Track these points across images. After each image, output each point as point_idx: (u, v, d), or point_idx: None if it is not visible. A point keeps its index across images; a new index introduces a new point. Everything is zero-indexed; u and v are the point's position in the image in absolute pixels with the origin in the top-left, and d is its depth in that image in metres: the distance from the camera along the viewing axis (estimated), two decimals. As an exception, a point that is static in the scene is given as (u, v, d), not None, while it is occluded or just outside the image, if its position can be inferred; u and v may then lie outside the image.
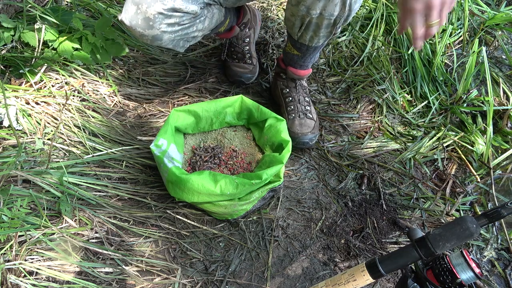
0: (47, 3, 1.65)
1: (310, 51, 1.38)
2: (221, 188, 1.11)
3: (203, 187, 1.11)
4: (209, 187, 1.11)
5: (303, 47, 1.34)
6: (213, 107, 1.34)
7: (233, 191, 1.13)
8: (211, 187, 1.11)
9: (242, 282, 1.22)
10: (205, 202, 1.18)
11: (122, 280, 1.15)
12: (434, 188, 1.55)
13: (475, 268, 0.69)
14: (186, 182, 1.11)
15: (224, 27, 1.48)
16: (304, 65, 1.49)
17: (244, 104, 1.35)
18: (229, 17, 1.47)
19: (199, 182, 1.11)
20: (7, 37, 1.45)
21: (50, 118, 1.40)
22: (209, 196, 1.14)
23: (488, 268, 1.39)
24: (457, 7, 2.06)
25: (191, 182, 1.11)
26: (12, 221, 1.10)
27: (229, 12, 1.47)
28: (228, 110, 1.37)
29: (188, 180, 1.11)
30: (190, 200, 1.18)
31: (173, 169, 1.14)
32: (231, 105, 1.35)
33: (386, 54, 1.93)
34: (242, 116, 1.39)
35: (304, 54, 1.40)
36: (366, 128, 1.71)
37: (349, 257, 1.32)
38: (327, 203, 1.44)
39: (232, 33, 1.60)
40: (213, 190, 1.11)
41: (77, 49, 1.51)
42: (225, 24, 1.45)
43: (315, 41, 1.30)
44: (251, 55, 1.70)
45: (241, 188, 1.13)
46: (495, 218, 0.69)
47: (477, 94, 1.85)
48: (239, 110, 1.37)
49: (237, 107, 1.36)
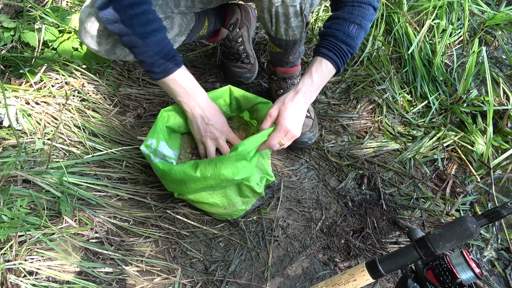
0: (47, 3, 1.65)
1: (290, 46, 1.38)
2: (201, 172, 1.11)
3: (184, 174, 1.11)
4: (190, 173, 1.11)
5: (282, 42, 1.35)
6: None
7: (213, 172, 1.11)
8: (191, 173, 1.11)
9: (242, 282, 1.22)
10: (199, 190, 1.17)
11: (122, 280, 1.15)
12: (434, 188, 1.55)
13: (475, 268, 0.69)
14: (169, 173, 1.12)
15: (204, 30, 1.46)
16: (290, 62, 1.49)
17: (233, 94, 1.34)
18: (208, 19, 1.46)
19: (180, 170, 1.12)
20: (7, 37, 1.45)
21: (50, 118, 1.40)
22: (195, 183, 1.14)
23: (488, 268, 1.39)
24: (457, 7, 2.06)
25: (174, 172, 1.12)
26: (12, 221, 1.10)
27: (207, 15, 1.45)
28: (220, 102, 1.35)
29: (170, 170, 1.12)
30: (183, 191, 1.18)
31: (158, 163, 1.14)
32: (221, 97, 1.33)
33: (386, 54, 1.93)
34: (233, 107, 1.37)
35: (285, 50, 1.40)
36: (366, 128, 1.71)
37: (349, 257, 1.32)
38: (327, 203, 1.44)
39: (219, 36, 1.60)
40: (194, 175, 1.11)
41: (77, 49, 1.51)
42: (203, 27, 1.44)
43: (290, 34, 1.29)
44: (248, 54, 1.69)
45: (220, 165, 1.12)
46: (495, 218, 0.69)
47: (477, 94, 1.85)
48: (229, 101, 1.36)
49: (227, 98, 1.35)
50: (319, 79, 1.16)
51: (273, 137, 1.15)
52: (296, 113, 1.15)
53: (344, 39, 1.14)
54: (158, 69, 1.10)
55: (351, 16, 1.14)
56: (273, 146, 1.16)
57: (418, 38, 1.90)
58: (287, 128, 1.14)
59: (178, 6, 1.29)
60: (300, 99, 1.15)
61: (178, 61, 1.13)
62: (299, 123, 1.17)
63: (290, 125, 1.14)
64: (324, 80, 1.18)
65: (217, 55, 1.80)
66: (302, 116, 1.17)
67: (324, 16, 2.07)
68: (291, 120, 1.14)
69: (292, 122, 1.14)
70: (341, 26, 1.14)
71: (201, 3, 1.37)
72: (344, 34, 1.14)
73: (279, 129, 1.14)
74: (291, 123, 1.14)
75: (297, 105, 1.15)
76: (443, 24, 2.00)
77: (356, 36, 1.15)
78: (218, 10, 1.54)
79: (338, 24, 1.15)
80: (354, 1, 1.14)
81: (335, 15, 1.17)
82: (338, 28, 1.14)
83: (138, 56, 1.09)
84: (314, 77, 1.16)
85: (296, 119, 1.15)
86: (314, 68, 1.16)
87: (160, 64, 1.09)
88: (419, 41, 1.90)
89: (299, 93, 1.15)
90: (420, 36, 1.90)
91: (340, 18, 1.15)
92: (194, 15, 1.37)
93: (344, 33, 1.14)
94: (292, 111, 1.14)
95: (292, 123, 1.14)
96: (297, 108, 1.15)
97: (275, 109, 1.16)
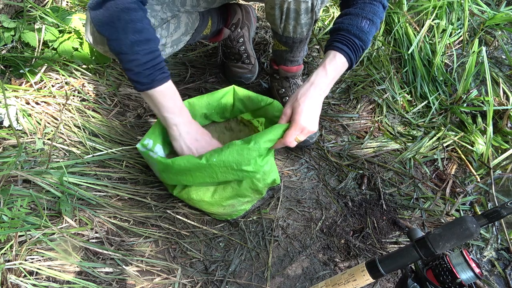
0: (47, 3, 1.65)
1: (296, 44, 1.38)
2: (206, 158, 1.11)
3: (189, 162, 1.11)
4: (194, 160, 1.11)
5: (289, 40, 1.34)
6: (204, 101, 1.31)
7: (219, 158, 1.10)
8: (196, 160, 1.11)
9: (242, 282, 1.22)
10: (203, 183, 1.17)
11: (122, 280, 1.15)
12: (434, 188, 1.55)
13: (475, 268, 0.69)
14: (173, 165, 1.12)
15: (208, 30, 1.47)
16: (294, 61, 1.49)
17: (237, 95, 1.33)
18: (211, 19, 1.46)
19: (185, 159, 1.12)
20: (7, 37, 1.45)
21: (50, 118, 1.40)
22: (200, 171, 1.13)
23: (488, 268, 1.39)
24: (457, 7, 2.06)
25: (178, 162, 1.11)
26: (12, 221, 1.10)
27: (211, 15, 1.46)
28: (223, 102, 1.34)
29: (173, 162, 1.12)
30: (188, 181, 1.17)
31: (159, 158, 1.15)
32: (224, 97, 1.33)
33: (386, 54, 1.93)
34: (236, 108, 1.37)
35: (291, 48, 1.40)
36: (366, 128, 1.71)
37: (349, 257, 1.32)
38: (327, 203, 1.44)
39: (222, 36, 1.60)
40: (200, 161, 1.11)
41: (77, 49, 1.51)
42: (207, 26, 1.45)
43: (298, 31, 1.29)
44: (249, 55, 1.69)
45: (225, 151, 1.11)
46: (495, 218, 0.69)
47: (477, 94, 1.85)
48: (233, 101, 1.36)
49: (230, 99, 1.35)
50: (333, 72, 1.13)
51: (289, 134, 1.12)
52: (311, 108, 1.12)
53: (357, 34, 1.12)
54: (145, 80, 1.05)
55: (363, 12, 1.13)
56: (290, 144, 1.13)
57: (418, 38, 1.90)
58: (302, 125, 1.11)
59: (184, 5, 1.29)
60: (315, 92, 1.12)
61: (167, 74, 1.09)
62: (315, 118, 1.13)
63: (305, 122, 1.11)
64: (338, 73, 1.15)
65: (217, 55, 1.80)
66: (317, 110, 1.14)
67: (324, 16, 2.07)
68: (306, 116, 1.11)
69: (307, 118, 1.11)
70: (354, 21, 1.13)
71: (205, 2, 1.37)
72: (357, 28, 1.12)
73: (294, 127, 1.11)
74: (306, 119, 1.11)
75: (312, 99, 1.11)
76: (443, 24, 2.00)
77: (368, 32, 1.14)
78: (221, 10, 1.55)
79: (351, 19, 1.14)
80: None
81: (346, 11, 1.16)
82: (351, 23, 1.13)
83: (125, 64, 1.04)
84: (328, 69, 1.12)
85: (311, 114, 1.12)
86: (327, 61, 1.13)
87: (148, 74, 1.04)
88: (419, 41, 1.90)
89: (313, 85, 1.12)
90: (420, 36, 1.90)
91: (352, 14, 1.14)
92: (199, 15, 1.38)
93: (357, 28, 1.13)
94: (306, 106, 1.11)
95: (308, 119, 1.11)
96: (312, 102, 1.12)
97: (289, 107, 1.14)
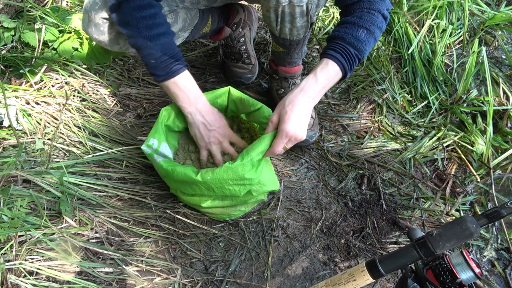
0: (47, 3, 1.65)
1: (294, 46, 1.38)
2: (201, 175, 1.13)
3: (185, 175, 1.13)
4: (191, 175, 1.13)
5: (286, 42, 1.34)
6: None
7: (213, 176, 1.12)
8: (192, 176, 1.13)
9: (242, 282, 1.22)
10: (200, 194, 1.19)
11: (122, 280, 1.15)
12: (434, 188, 1.55)
13: (475, 268, 0.69)
14: (172, 173, 1.14)
15: (207, 28, 1.47)
16: (292, 62, 1.49)
17: (231, 96, 1.33)
18: (211, 17, 1.46)
19: (182, 171, 1.14)
20: (7, 37, 1.45)
21: (50, 118, 1.40)
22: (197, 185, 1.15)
23: (488, 268, 1.39)
24: (457, 7, 2.06)
25: (176, 173, 1.14)
26: (12, 221, 1.10)
27: (211, 13, 1.46)
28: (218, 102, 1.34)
29: (173, 171, 1.14)
30: (186, 190, 1.20)
31: (161, 162, 1.16)
32: (219, 97, 1.33)
33: (386, 54, 1.93)
34: (229, 109, 1.37)
35: (289, 50, 1.40)
36: (366, 128, 1.71)
37: (349, 257, 1.32)
38: (327, 203, 1.44)
39: (222, 35, 1.60)
40: (195, 178, 1.13)
41: (77, 49, 1.51)
42: (207, 24, 1.45)
43: (295, 34, 1.29)
44: (249, 55, 1.69)
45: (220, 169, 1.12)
46: (495, 218, 0.69)
47: (477, 94, 1.85)
48: (227, 103, 1.36)
49: (225, 100, 1.35)
50: (325, 80, 1.12)
51: (276, 143, 1.11)
52: (299, 116, 1.10)
53: (352, 42, 1.11)
54: (161, 72, 1.13)
55: (360, 21, 1.12)
56: (279, 152, 1.13)
57: (418, 38, 1.90)
58: (289, 133, 1.09)
59: (183, 1, 1.30)
60: (303, 99, 1.10)
61: (182, 66, 1.14)
62: (303, 125, 1.11)
63: (292, 129, 1.09)
64: (329, 81, 1.13)
65: (217, 55, 1.80)
66: (306, 117, 1.12)
67: (324, 16, 2.07)
68: (293, 124, 1.09)
69: (294, 126, 1.09)
70: (350, 29, 1.12)
71: (206, 0, 1.37)
72: (352, 37, 1.11)
73: (280, 136, 1.10)
74: (293, 126, 1.09)
75: (299, 107, 1.10)
76: (443, 24, 2.00)
77: (364, 41, 1.12)
78: (222, 8, 1.55)
79: (347, 28, 1.13)
80: (364, 7, 1.13)
81: (344, 20, 1.16)
82: (347, 32, 1.12)
83: (144, 58, 1.12)
84: (319, 77, 1.11)
85: (298, 122, 1.10)
86: (319, 68, 1.12)
87: (163, 67, 1.12)
88: (419, 41, 1.90)
89: (302, 91, 1.11)
90: (420, 36, 1.90)
91: (349, 22, 1.14)
92: (198, 12, 1.38)
93: (352, 36, 1.11)
94: (294, 114, 1.09)
95: (295, 126, 1.09)
96: (299, 110, 1.10)
97: (275, 115, 1.13)
